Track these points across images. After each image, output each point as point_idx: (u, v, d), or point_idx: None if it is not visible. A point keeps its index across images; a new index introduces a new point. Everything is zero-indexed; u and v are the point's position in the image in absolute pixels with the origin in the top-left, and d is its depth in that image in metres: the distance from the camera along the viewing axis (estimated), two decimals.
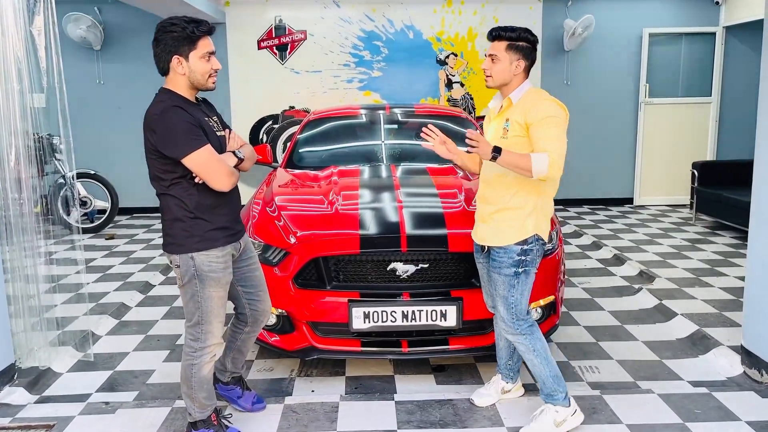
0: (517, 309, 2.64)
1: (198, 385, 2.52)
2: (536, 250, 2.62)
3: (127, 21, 7.56)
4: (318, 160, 4.63)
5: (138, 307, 4.51)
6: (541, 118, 2.49)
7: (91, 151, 7.38)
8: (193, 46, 2.31)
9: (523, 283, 2.63)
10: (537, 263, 2.67)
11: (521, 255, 2.59)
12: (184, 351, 2.54)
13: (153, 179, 2.39)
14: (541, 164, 2.42)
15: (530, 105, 2.53)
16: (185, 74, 2.35)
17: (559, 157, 2.44)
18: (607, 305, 4.40)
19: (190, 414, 2.58)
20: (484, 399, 2.95)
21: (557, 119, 2.50)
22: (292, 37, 7.65)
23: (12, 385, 3.17)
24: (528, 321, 2.67)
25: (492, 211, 2.65)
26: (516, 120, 2.56)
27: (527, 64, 2.60)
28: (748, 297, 3.27)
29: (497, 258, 2.64)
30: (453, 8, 7.65)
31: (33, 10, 3.29)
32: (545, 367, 2.67)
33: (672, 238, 6.30)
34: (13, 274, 3.31)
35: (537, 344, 2.67)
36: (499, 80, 2.61)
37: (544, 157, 2.42)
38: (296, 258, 3.13)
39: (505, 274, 2.61)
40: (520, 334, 2.66)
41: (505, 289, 2.63)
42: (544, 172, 2.42)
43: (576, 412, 2.71)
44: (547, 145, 2.46)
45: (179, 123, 2.26)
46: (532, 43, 2.60)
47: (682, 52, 7.95)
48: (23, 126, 3.30)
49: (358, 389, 3.20)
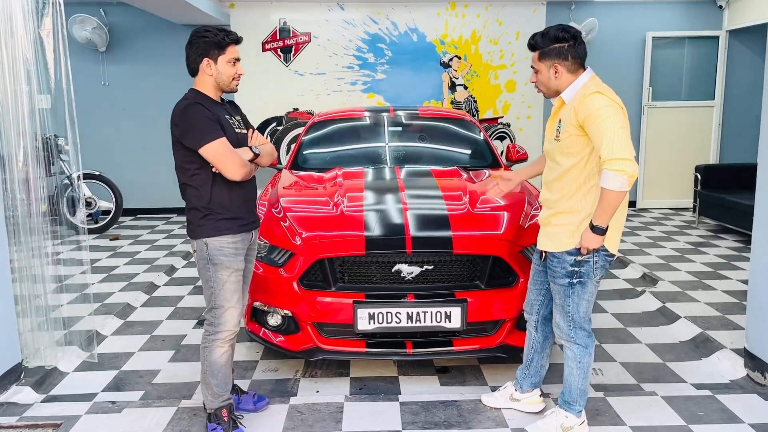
0: (574, 317, 2.57)
1: (210, 370, 2.66)
2: (593, 262, 2.49)
3: (132, 23, 7.60)
4: (323, 162, 4.65)
5: (143, 308, 4.53)
6: (587, 116, 2.35)
7: (96, 152, 7.41)
8: (222, 51, 2.55)
9: (580, 293, 2.53)
10: (598, 274, 2.54)
11: (574, 266, 2.50)
12: (203, 335, 2.71)
13: (178, 170, 2.61)
14: (612, 181, 2.28)
15: (578, 102, 2.40)
16: (213, 75, 2.57)
17: (620, 154, 2.26)
18: (611, 308, 4.41)
19: (205, 404, 2.72)
20: (491, 400, 2.96)
21: (600, 113, 2.32)
22: (296, 40, 7.68)
23: (19, 384, 3.19)
24: (586, 332, 2.60)
25: (549, 215, 2.59)
26: (568, 121, 2.45)
27: (568, 64, 2.47)
28: (751, 300, 3.28)
29: (552, 267, 2.58)
30: (457, 11, 7.67)
31: (42, 13, 3.31)
32: (580, 379, 2.63)
33: (675, 241, 6.31)
34: (20, 273, 3.33)
35: (585, 358, 2.60)
36: (549, 90, 2.54)
37: (606, 173, 2.29)
38: (301, 259, 3.15)
39: (560, 283, 2.56)
40: (574, 342, 2.60)
41: (561, 298, 2.58)
42: (623, 180, 2.27)
43: (584, 423, 2.68)
44: (600, 145, 2.32)
45: (198, 117, 2.47)
46: (566, 40, 2.45)
47: (686, 56, 7.96)
48: (31, 127, 3.32)
49: (363, 390, 3.22)
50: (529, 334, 2.88)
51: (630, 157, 2.28)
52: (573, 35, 2.48)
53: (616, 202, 2.32)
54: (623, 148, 2.28)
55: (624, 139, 2.30)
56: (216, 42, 2.52)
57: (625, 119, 2.38)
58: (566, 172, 2.49)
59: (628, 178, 2.27)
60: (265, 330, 3.30)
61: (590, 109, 2.35)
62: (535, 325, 2.82)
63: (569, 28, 2.50)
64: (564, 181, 2.51)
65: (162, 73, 7.67)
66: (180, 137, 2.50)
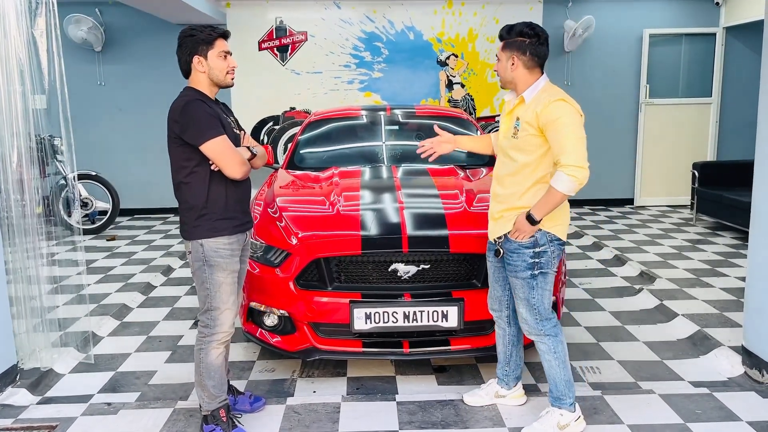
0: (540, 309, 2.63)
1: (206, 371, 2.64)
2: (551, 252, 2.59)
3: (127, 22, 7.58)
4: (319, 161, 4.64)
5: (139, 309, 4.52)
6: (549, 122, 2.46)
7: (92, 153, 7.39)
8: (210, 46, 2.55)
9: (542, 283, 2.61)
10: (555, 264, 2.63)
11: (534, 258, 2.57)
12: (196, 337, 2.69)
13: (174, 168, 2.59)
14: (564, 184, 2.43)
15: (541, 106, 2.49)
16: (205, 72, 2.57)
17: (577, 162, 2.42)
18: (608, 306, 4.41)
19: (201, 406, 2.69)
20: (475, 399, 2.96)
21: (563, 121, 2.45)
22: (292, 39, 7.66)
23: (14, 386, 3.18)
24: (552, 321, 2.66)
25: (501, 209, 2.65)
26: (527, 121, 2.53)
27: (525, 60, 2.55)
28: (749, 297, 3.28)
29: (512, 262, 2.62)
30: (453, 9, 7.65)
31: (35, 12, 3.30)
32: (561, 370, 2.66)
33: (672, 239, 6.31)
34: (15, 275, 3.32)
35: (559, 347, 2.65)
36: (503, 79, 2.65)
37: (560, 175, 2.43)
38: (298, 259, 3.14)
39: (522, 277, 2.60)
40: (544, 334, 2.64)
41: (524, 291, 2.62)
42: (573, 186, 2.42)
43: (579, 418, 2.70)
44: (559, 151, 2.45)
45: (200, 113, 2.47)
46: (530, 36, 2.53)
47: (683, 53, 7.96)
48: (25, 127, 3.31)
49: (360, 390, 3.21)
50: (502, 332, 2.89)
51: (586, 166, 2.44)
52: (537, 34, 2.56)
53: (558, 202, 2.49)
54: (581, 157, 2.44)
55: (583, 149, 2.46)
56: (203, 38, 2.53)
57: (583, 128, 2.52)
58: (521, 168, 2.59)
59: (578, 184, 2.44)
60: (261, 330, 3.29)
61: (555, 116, 2.46)
62: (507, 320, 2.85)
63: (536, 26, 2.59)
64: (518, 177, 2.60)
65: (158, 72, 7.64)
66: (180, 133, 2.48)
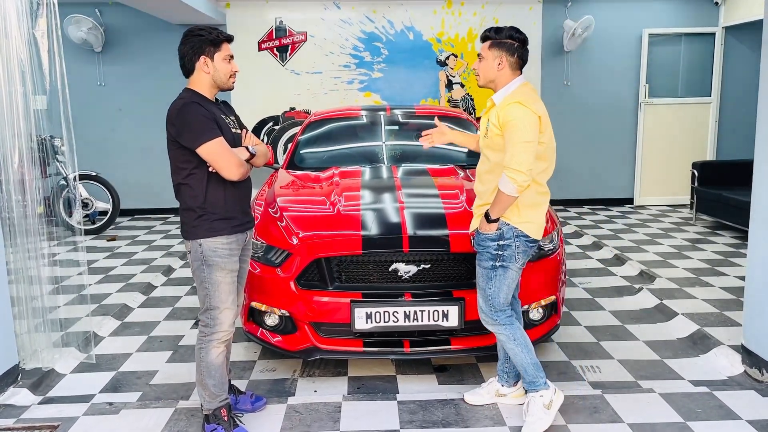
0: (495, 301, 2.70)
1: (206, 371, 2.64)
2: (515, 247, 2.65)
3: (127, 23, 7.58)
4: (319, 161, 4.64)
5: (140, 309, 4.52)
6: (504, 124, 2.57)
7: (92, 153, 7.39)
8: (217, 48, 2.57)
9: (501, 277, 2.67)
10: (519, 261, 2.68)
11: (498, 250, 2.65)
12: (197, 336, 2.70)
13: (173, 170, 2.60)
14: (505, 185, 2.53)
15: (500, 108, 2.60)
16: (210, 73, 2.57)
17: (516, 166, 2.49)
18: (608, 305, 4.42)
19: (202, 405, 2.70)
20: (476, 398, 2.97)
21: (513, 124, 2.52)
22: (292, 39, 7.67)
23: (16, 386, 3.19)
24: (506, 312, 2.73)
25: (481, 204, 2.76)
26: (492, 121, 2.64)
27: (513, 61, 2.64)
28: (749, 296, 3.28)
29: (479, 250, 2.72)
30: (453, 9, 7.66)
31: (36, 13, 3.30)
32: (526, 355, 2.73)
33: (672, 238, 6.32)
34: (16, 275, 3.32)
35: (517, 333, 2.73)
36: (484, 78, 2.70)
37: (504, 178, 2.53)
38: (298, 259, 3.15)
39: (483, 266, 2.70)
40: (499, 324, 2.72)
41: (483, 280, 2.71)
42: (513, 188, 2.51)
43: (556, 391, 2.78)
44: (506, 153, 2.55)
45: (195, 116, 2.47)
46: (518, 40, 2.63)
47: (682, 53, 7.97)
48: (26, 128, 3.31)
49: (361, 389, 3.22)
50: None
51: (523, 170, 2.49)
52: (523, 39, 2.67)
53: (506, 202, 2.57)
54: (521, 162, 2.49)
55: (524, 153, 2.50)
56: (211, 39, 2.54)
57: (536, 131, 2.54)
58: (494, 166, 2.67)
59: (517, 186, 2.51)
60: (262, 330, 3.30)
61: (508, 117, 2.55)
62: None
63: (521, 32, 2.68)
64: (492, 174, 2.69)
65: (158, 73, 7.65)
66: (176, 136, 2.49)
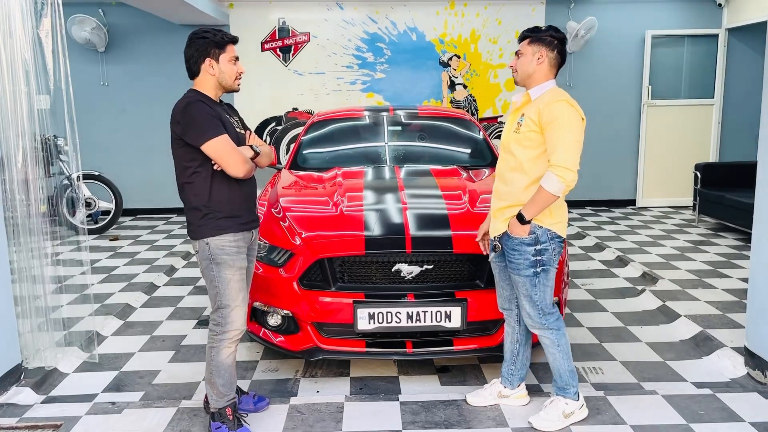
0: (543, 305, 2.68)
1: (216, 370, 2.65)
2: (552, 249, 2.64)
3: (131, 23, 7.59)
4: (322, 162, 4.65)
5: (143, 308, 4.53)
6: (549, 121, 2.52)
7: (95, 153, 7.39)
8: (222, 50, 2.57)
9: (544, 280, 2.66)
10: (556, 261, 2.68)
11: (536, 255, 2.61)
12: (208, 335, 2.70)
13: (177, 169, 2.61)
14: (552, 184, 2.48)
15: (544, 105, 2.55)
16: (215, 75, 2.58)
17: (566, 164, 2.47)
18: (611, 307, 4.41)
19: (209, 403, 2.72)
20: (478, 399, 2.97)
21: (561, 122, 2.50)
22: (295, 39, 7.68)
23: (19, 385, 3.19)
24: (555, 314, 2.71)
25: (503, 206, 2.69)
26: (530, 117, 2.59)
27: (552, 58, 2.62)
28: (752, 298, 3.28)
29: (513, 260, 2.66)
30: (456, 10, 7.67)
31: (40, 13, 3.31)
32: (565, 361, 2.73)
33: (675, 240, 6.31)
34: (20, 274, 3.33)
35: (562, 339, 2.72)
36: (522, 73, 2.66)
37: (549, 175, 2.49)
38: (301, 259, 3.15)
39: (524, 274, 2.65)
40: (547, 328, 2.70)
41: (527, 288, 2.67)
42: (561, 187, 2.48)
43: (583, 407, 2.78)
44: (552, 151, 2.51)
45: (200, 114, 2.48)
46: (558, 38, 2.63)
47: (685, 54, 7.96)
48: (30, 127, 3.32)
49: (363, 390, 3.22)
50: (511, 329, 2.90)
51: (575, 170, 2.49)
52: (562, 39, 2.66)
53: (547, 202, 2.54)
54: (572, 160, 2.49)
55: (576, 152, 2.51)
56: (216, 41, 2.54)
57: (582, 132, 2.56)
58: (522, 164, 2.63)
59: (565, 186, 2.49)
60: (265, 330, 3.30)
61: (555, 115, 2.52)
62: (517, 318, 2.87)
63: (561, 31, 2.68)
64: (517, 173, 2.64)
65: (161, 73, 7.66)
66: (182, 134, 2.50)
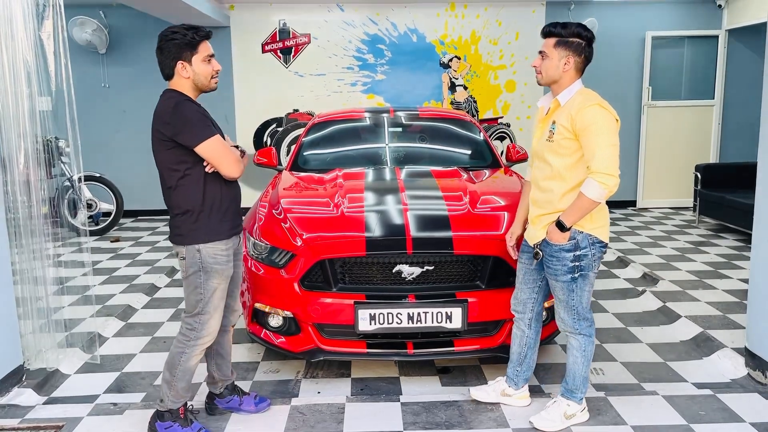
0: (579, 310, 2.67)
1: (181, 375, 2.60)
2: (591, 255, 2.60)
3: (132, 25, 7.61)
4: (323, 163, 4.65)
5: (144, 309, 4.53)
6: (584, 128, 2.47)
7: (96, 154, 7.40)
8: (194, 51, 2.47)
9: (582, 285, 2.63)
10: (596, 266, 2.64)
11: (575, 261, 2.58)
12: (177, 339, 2.62)
13: (165, 172, 2.50)
14: (594, 191, 2.44)
15: (576, 110, 2.50)
16: (189, 77, 2.50)
17: (607, 170, 2.42)
18: (611, 307, 4.41)
19: (162, 401, 2.64)
20: (481, 393, 2.99)
21: (596, 127, 2.45)
22: (296, 41, 7.69)
23: (21, 386, 3.20)
24: (589, 320, 2.70)
25: (541, 214, 2.67)
26: (562, 124, 2.54)
27: (579, 61, 2.56)
28: (752, 299, 3.28)
29: (551, 265, 2.64)
30: (456, 12, 7.68)
31: (42, 15, 3.32)
32: (584, 367, 2.73)
33: (675, 241, 6.31)
34: (21, 276, 3.33)
35: (589, 346, 2.71)
36: (547, 77, 2.60)
37: (590, 182, 2.44)
38: (302, 260, 3.15)
39: (562, 280, 2.62)
40: (579, 333, 2.70)
41: (564, 294, 2.65)
42: (603, 193, 2.44)
43: (584, 410, 2.79)
44: (591, 158, 2.45)
45: (192, 114, 2.43)
46: (586, 39, 2.55)
47: (685, 55, 7.97)
48: (32, 129, 3.33)
49: (364, 390, 3.22)
50: (521, 333, 2.90)
51: (616, 174, 2.45)
52: (590, 38, 2.58)
53: (588, 209, 2.49)
54: (613, 165, 2.44)
55: (615, 156, 2.46)
56: (187, 42, 2.44)
57: (617, 135, 2.50)
58: (558, 172, 2.59)
59: (608, 192, 2.45)
60: (266, 331, 3.30)
61: (589, 121, 2.46)
62: (529, 323, 2.86)
63: (588, 29, 2.58)
64: (554, 181, 2.61)
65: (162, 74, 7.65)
66: (173, 135, 2.41)
